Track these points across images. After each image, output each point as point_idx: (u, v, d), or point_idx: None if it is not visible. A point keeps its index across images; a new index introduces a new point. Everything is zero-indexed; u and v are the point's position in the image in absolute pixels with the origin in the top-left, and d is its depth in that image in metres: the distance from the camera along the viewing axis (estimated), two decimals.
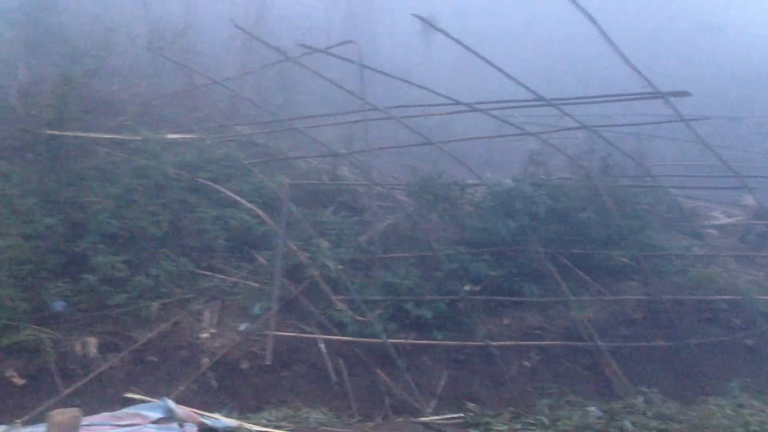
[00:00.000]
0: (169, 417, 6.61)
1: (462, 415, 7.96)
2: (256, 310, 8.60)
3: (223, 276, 9.00)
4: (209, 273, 9.02)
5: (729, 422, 7.42)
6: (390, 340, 8.56)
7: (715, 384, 9.20)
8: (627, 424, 7.32)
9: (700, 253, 11.01)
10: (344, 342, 8.54)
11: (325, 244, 9.39)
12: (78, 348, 7.67)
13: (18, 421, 6.47)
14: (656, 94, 10.06)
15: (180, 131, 11.30)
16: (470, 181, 10.81)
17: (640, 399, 8.34)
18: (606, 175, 11.19)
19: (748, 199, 13.47)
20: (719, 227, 13.00)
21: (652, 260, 10.45)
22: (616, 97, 10.68)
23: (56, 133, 9.55)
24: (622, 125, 13.77)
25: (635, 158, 12.05)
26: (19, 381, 7.23)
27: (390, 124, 11.93)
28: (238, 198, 9.62)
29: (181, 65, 13.09)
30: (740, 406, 8.14)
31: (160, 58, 13.41)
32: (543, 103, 10.69)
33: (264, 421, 7.10)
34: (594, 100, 10.98)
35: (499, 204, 9.96)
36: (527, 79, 10.67)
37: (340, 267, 9.10)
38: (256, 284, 8.97)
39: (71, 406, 6.54)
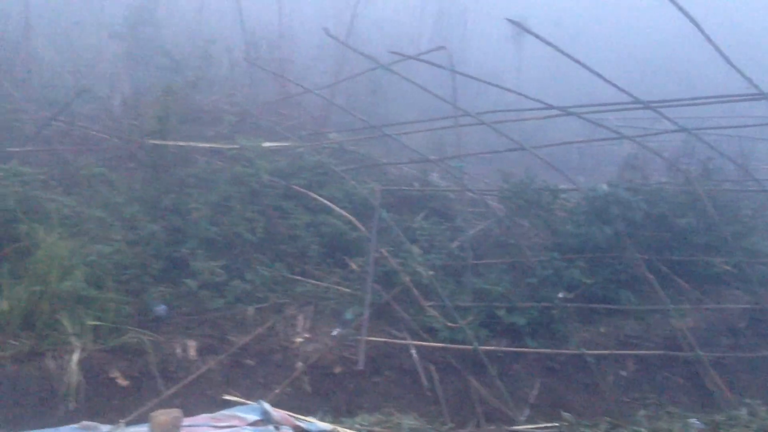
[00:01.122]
0: (266, 419, 6.75)
1: (557, 424, 7.83)
2: (348, 315, 8.68)
3: (316, 281, 9.11)
4: (302, 278, 9.13)
5: None
6: (482, 347, 8.51)
7: None
8: None
9: None
10: (436, 348, 8.53)
11: (416, 250, 9.40)
12: (178, 350, 7.88)
13: (122, 421, 6.72)
14: (759, 95, 9.71)
15: (275, 139, 11.52)
16: (563, 186, 10.64)
17: (744, 411, 7.99)
18: (706, 179, 10.80)
19: None
20: None
21: (757, 267, 10.00)
22: (716, 99, 10.37)
23: (158, 142, 9.86)
24: (723, 128, 13.31)
25: (737, 161, 11.61)
26: (123, 382, 7.47)
27: (481, 129, 11.86)
28: (330, 204, 9.73)
29: (276, 75, 13.36)
30: None
31: (255, 68, 13.73)
32: (640, 105, 10.44)
33: (357, 426, 7.16)
34: (693, 102, 10.64)
35: (593, 209, 9.74)
36: (623, 82, 10.44)
37: (431, 273, 9.08)
38: (348, 290, 9.04)
39: (173, 407, 6.79)
